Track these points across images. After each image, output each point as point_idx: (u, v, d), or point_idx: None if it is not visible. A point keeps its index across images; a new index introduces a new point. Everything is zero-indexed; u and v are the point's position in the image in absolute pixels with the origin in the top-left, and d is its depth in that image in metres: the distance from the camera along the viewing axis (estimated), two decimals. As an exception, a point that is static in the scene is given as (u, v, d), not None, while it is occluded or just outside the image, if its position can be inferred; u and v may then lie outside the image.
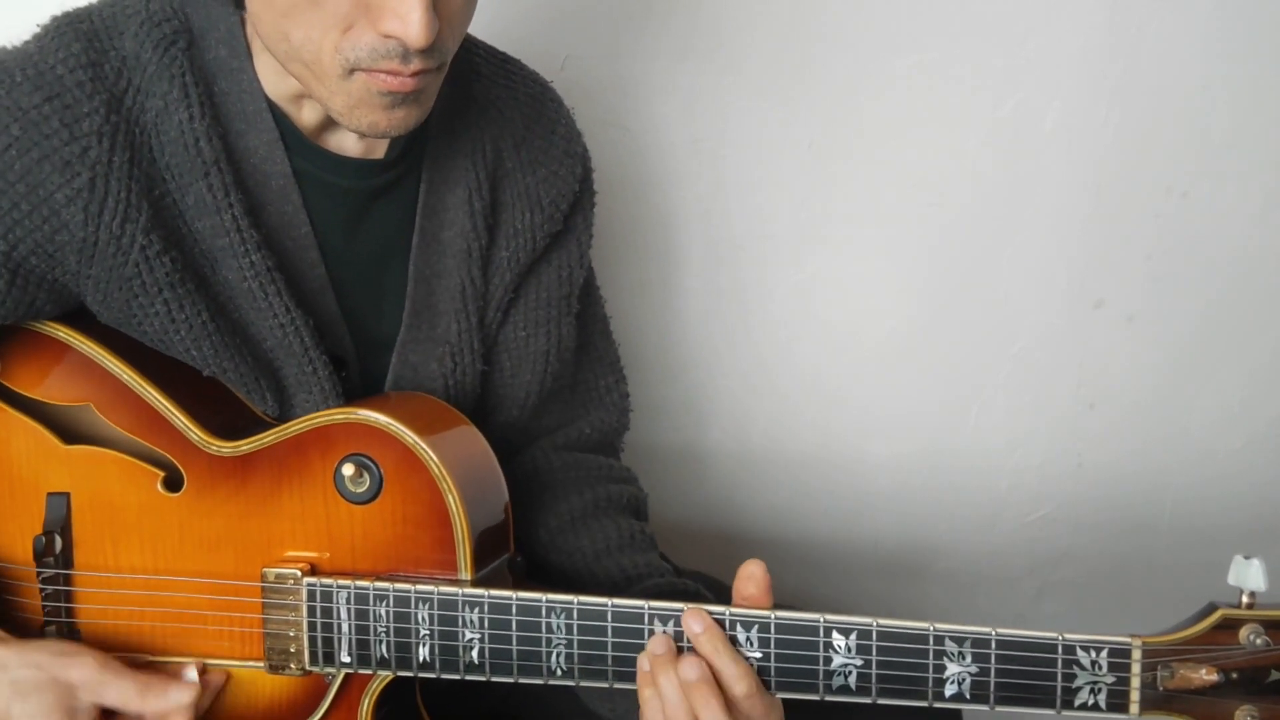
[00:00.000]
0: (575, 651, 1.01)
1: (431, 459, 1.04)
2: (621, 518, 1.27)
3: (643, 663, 1.00)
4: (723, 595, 1.06)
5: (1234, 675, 0.92)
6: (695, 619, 0.99)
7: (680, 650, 1.00)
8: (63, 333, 1.09)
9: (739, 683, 0.97)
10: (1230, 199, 1.84)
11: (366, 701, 1.07)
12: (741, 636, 0.98)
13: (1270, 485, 1.95)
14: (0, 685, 1.00)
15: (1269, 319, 1.90)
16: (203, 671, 1.08)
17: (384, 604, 1.04)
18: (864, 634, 0.96)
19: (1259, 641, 0.92)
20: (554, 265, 1.25)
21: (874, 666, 0.97)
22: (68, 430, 1.09)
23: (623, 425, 1.37)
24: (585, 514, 1.26)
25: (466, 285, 1.17)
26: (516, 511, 1.16)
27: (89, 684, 1.02)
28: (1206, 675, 0.92)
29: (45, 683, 1.01)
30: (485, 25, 1.10)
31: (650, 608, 1.00)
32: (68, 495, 1.09)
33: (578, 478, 1.29)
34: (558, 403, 1.31)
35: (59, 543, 1.09)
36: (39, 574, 1.09)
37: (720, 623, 0.99)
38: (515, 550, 1.14)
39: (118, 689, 1.03)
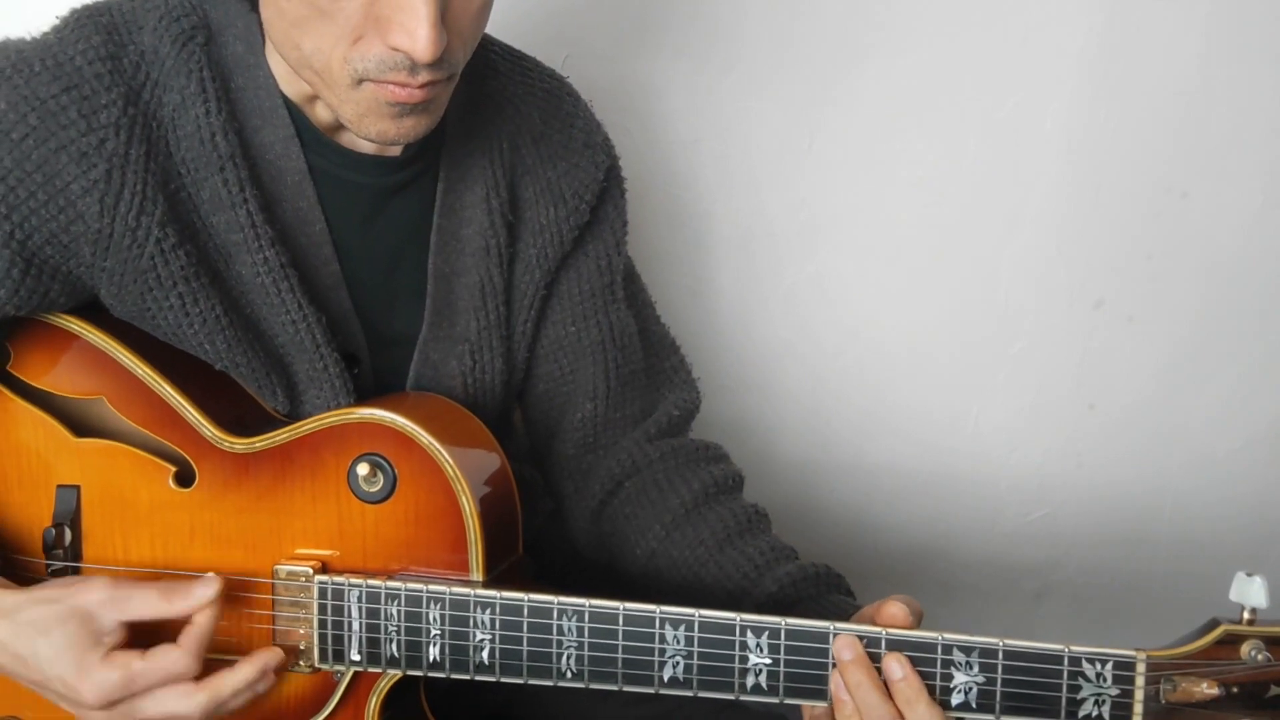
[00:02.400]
0: (586, 654, 1.01)
1: (446, 460, 1.04)
2: (734, 500, 1.26)
3: (834, 686, 0.98)
4: None
5: (1235, 689, 0.93)
6: (846, 647, 0.97)
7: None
8: (75, 325, 1.09)
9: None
10: (1230, 199, 1.85)
11: (374, 700, 1.08)
12: (751, 642, 0.99)
13: (1270, 486, 1.97)
14: (18, 628, 0.98)
15: (1269, 319, 1.91)
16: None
17: (395, 603, 1.04)
18: (873, 642, 0.97)
19: (1260, 657, 0.93)
20: (591, 256, 1.25)
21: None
22: (79, 423, 1.09)
23: (698, 400, 1.35)
24: (698, 502, 1.24)
25: (486, 283, 1.18)
26: (624, 518, 1.18)
27: (108, 602, 0.98)
28: (1208, 689, 0.93)
29: (64, 614, 0.97)
30: (483, 24, 1.10)
31: (662, 612, 1.00)
32: (78, 488, 1.09)
33: (679, 464, 1.27)
34: (635, 389, 1.30)
35: (68, 535, 1.08)
36: (48, 566, 1.09)
37: (730, 627, 0.99)
38: (522, 553, 1.15)
39: (140, 599, 0.99)
